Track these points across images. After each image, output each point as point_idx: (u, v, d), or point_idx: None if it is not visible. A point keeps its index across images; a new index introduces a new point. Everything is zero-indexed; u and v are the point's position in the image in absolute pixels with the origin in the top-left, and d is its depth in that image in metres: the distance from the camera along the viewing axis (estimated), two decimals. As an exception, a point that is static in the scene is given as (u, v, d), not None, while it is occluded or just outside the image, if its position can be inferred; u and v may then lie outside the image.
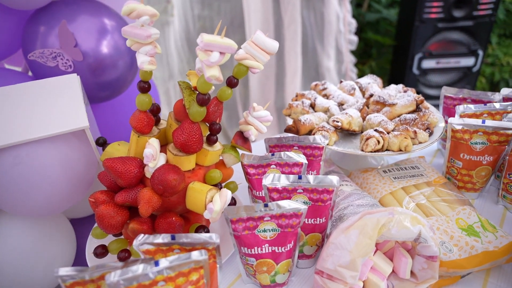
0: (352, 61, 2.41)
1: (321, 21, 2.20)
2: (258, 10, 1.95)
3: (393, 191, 0.81)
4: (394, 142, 0.79)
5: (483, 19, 2.06)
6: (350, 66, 2.42)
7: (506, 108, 0.87)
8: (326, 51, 2.29)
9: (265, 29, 2.05)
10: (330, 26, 2.18)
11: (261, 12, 1.98)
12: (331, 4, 2.10)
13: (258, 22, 2.01)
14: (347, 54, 2.36)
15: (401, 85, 1.01)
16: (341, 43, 2.28)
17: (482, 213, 0.83)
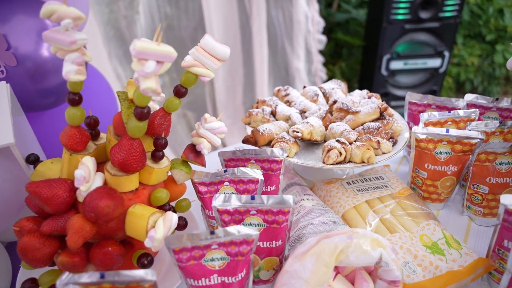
0: (321, 61, 2.38)
1: (290, 20, 2.16)
2: (220, 10, 1.88)
3: (356, 205, 0.76)
4: (357, 153, 0.74)
5: (449, 20, 2.08)
6: (319, 66, 2.39)
7: (470, 116, 0.84)
8: (296, 51, 2.25)
9: (229, 29, 1.98)
10: (299, 26, 2.14)
11: (224, 11, 1.91)
12: (299, 3, 2.06)
13: (220, 23, 1.93)
14: (316, 54, 2.33)
15: (366, 91, 0.97)
16: (310, 43, 2.25)
17: (447, 224, 0.80)
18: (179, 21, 2.08)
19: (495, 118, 0.89)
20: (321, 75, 2.42)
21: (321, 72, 2.41)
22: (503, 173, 0.73)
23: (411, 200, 0.78)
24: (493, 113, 0.89)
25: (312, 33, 2.21)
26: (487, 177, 0.74)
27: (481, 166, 0.74)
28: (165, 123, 0.66)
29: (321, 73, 2.42)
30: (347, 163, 0.77)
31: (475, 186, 0.76)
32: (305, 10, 2.09)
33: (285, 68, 2.34)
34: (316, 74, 2.40)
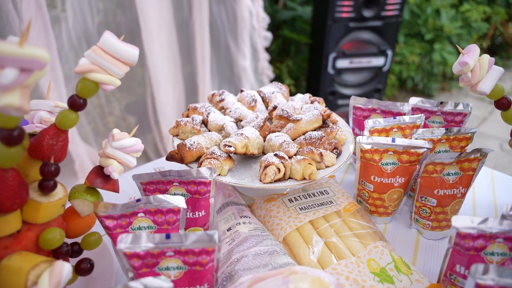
0: (267, 59, 2.30)
1: (233, 17, 2.04)
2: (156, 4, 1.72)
3: (299, 226, 0.68)
4: (297, 169, 0.66)
5: (391, 19, 2.09)
6: (266, 64, 2.31)
7: (416, 122, 0.79)
8: (241, 49, 2.15)
9: (166, 26, 1.83)
10: (243, 23, 2.04)
11: (161, 6, 1.75)
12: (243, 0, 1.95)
13: (156, 19, 1.77)
14: (262, 52, 2.24)
15: (308, 95, 0.89)
16: (255, 40, 2.16)
17: (395, 238, 0.74)
18: (114, 16, 1.89)
19: (440, 122, 0.85)
20: (268, 73, 2.34)
21: (268, 71, 2.33)
22: (451, 184, 0.69)
23: (358, 217, 0.71)
24: (438, 117, 0.85)
25: (257, 30, 2.12)
26: (435, 189, 0.69)
27: (428, 178, 0.69)
28: (58, 143, 0.52)
29: (268, 72, 2.34)
30: (287, 180, 0.68)
31: (423, 199, 0.71)
32: (249, 6, 1.99)
33: (230, 67, 2.22)
34: (263, 72, 2.31)
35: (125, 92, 2.19)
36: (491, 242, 0.51)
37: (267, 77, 2.37)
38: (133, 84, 2.15)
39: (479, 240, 0.51)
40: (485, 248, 0.51)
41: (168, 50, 1.90)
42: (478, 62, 0.62)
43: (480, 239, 0.51)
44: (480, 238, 0.51)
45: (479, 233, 0.51)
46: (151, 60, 1.87)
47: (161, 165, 0.96)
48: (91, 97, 0.53)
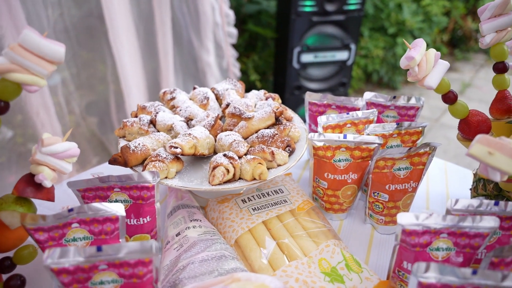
0: (234, 55, 2.26)
1: (195, 12, 1.99)
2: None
3: (251, 228, 0.66)
4: (247, 169, 0.63)
5: (353, 13, 2.10)
6: (232, 60, 2.27)
7: (369, 117, 0.79)
8: (205, 44, 2.09)
9: (127, 21, 1.75)
10: (205, 18, 1.99)
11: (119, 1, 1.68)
12: None
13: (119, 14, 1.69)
14: (227, 48, 2.20)
15: (263, 91, 0.87)
16: (219, 36, 2.11)
17: (350, 234, 0.74)
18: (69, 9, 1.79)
19: (394, 116, 0.85)
20: (234, 70, 2.30)
21: (234, 67, 2.30)
22: (402, 178, 0.69)
23: (312, 215, 0.70)
24: (392, 112, 0.85)
25: (221, 25, 2.08)
26: (386, 184, 0.69)
27: (380, 173, 0.69)
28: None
29: (234, 68, 2.30)
30: (237, 180, 0.65)
31: (376, 194, 0.71)
32: (211, 1, 1.94)
33: (194, 63, 2.17)
34: (228, 69, 2.27)
35: (86, 90, 2.09)
36: (436, 237, 0.51)
37: (233, 74, 2.34)
38: (94, 82, 2.06)
39: (424, 236, 0.51)
40: (430, 244, 0.51)
41: (130, 46, 1.82)
42: (424, 57, 0.62)
43: (425, 235, 0.51)
44: (425, 234, 0.51)
45: (424, 229, 0.50)
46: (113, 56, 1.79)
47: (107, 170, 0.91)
48: (13, 99, 0.49)
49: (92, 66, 1.97)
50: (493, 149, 0.46)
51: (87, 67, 1.92)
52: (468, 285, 0.43)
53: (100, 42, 1.82)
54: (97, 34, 1.78)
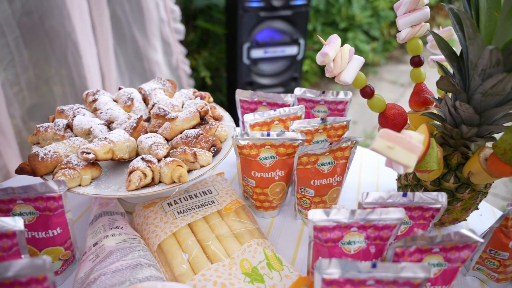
0: (183, 52, 2.21)
1: (139, 9, 1.92)
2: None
3: (175, 232, 0.64)
4: (165, 172, 0.61)
5: (300, 8, 2.12)
6: (181, 57, 2.22)
7: (297, 113, 0.79)
8: (151, 42, 2.03)
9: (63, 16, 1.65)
10: (149, 14, 1.92)
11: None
12: None
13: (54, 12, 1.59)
14: (176, 45, 2.15)
15: (192, 90, 0.85)
16: (166, 33, 2.05)
17: (281, 230, 0.74)
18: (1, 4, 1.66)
19: (325, 111, 0.86)
20: (184, 67, 2.25)
21: (184, 65, 2.24)
22: (326, 173, 0.69)
23: (241, 215, 0.69)
24: (322, 107, 0.86)
25: (167, 22, 2.02)
26: (311, 179, 0.69)
27: (304, 169, 0.69)
28: None
29: (184, 66, 2.25)
30: (157, 184, 0.63)
31: (302, 190, 0.71)
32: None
33: (141, 61, 2.10)
34: (178, 66, 2.22)
35: (29, 92, 1.96)
36: (346, 232, 0.52)
37: (183, 72, 2.29)
38: (39, 83, 1.93)
39: (335, 231, 0.51)
40: (342, 238, 0.52)
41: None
42: (339, 53, 0.63)
43: (336, 230, 0.51)
44: (336, 229, 0.51)
45: (335, 225, 0.51)
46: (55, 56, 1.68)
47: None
48: None
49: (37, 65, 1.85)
50: (393, 143, 0.47)
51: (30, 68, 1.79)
52: (369, 278, 0.43)
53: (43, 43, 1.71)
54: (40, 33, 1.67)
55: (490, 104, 0.58)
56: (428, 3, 0.70)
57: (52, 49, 1.69)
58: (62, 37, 1.65)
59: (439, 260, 0.50)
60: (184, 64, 2.24)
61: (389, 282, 0.44)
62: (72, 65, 1.74)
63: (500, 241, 0.59)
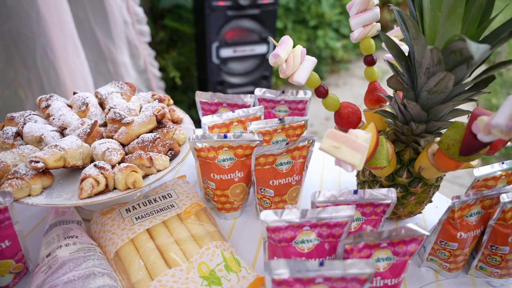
0: (151, 55, 2.16)
1: (103, 11, 1.86)
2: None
3: (132, 238, 0.63)
4: (119, 179, 0.60)
5: (268, 7, 2.13)
6: (149, 59, 2.18)
7: (256, 113, 0.79)
8: (117, 45, 1.98)
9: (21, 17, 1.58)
10: (113, 17, 1.87)
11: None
12: None
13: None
14: (142, 47, 2.10)
15: (151, 93, 0.84)
16: (131, 36, 2.01)
17: (243, 231, 0.74)
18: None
19: (286, 111, 0.87)
20: (152, 69, 2.20)
21: (152, 66, 2.20)
22: (285, 173, 0.70)
23: (201, 218, 0.69)
24: (283, 106, 0.87)
25: (131, 24, 1.97)
26: (270, 180, 0.70)
27: (262, 170, 0.69)
28: None
29: (153, 67, 2.20)
30: (112, 191, 0.62)
31: (262, 190, 0.72)
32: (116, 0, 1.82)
33: (108, 65, 2.04)
34: (146, 68, 2.17)
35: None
36: (299, 231, 0.52)
37: (151, 73, 2.24)
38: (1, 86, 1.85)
39: (287, 231, 0.52)
40: (295, 238, 0.53)
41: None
42: (292, 54, 0.63)
43: (288, 230, 0.52)
44: (288, 229, 0.52)
45: (287, 225, 0.52)
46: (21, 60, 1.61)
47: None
48: None
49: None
50: (339, 143, 0.48)
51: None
52: (318, 276, 0.44)
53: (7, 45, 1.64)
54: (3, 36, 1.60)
55: (435, 101, 0.60)
56: (378, 3, 0.71)
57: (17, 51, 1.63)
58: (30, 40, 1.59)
59: (387, 255, 0.51)
60: (152, 66, 2.19)
61: (337, 279, 0.45)
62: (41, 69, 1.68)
63: (449, 232, 0.61)
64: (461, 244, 0.62)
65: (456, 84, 0.58)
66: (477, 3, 0.56)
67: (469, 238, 0.62)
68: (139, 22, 1.97)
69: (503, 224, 0.60)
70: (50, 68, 1.67)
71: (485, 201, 0.61)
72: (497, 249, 0.62)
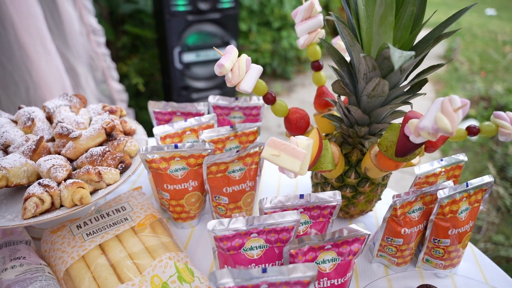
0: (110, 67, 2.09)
1: (59, 20, 1.80)
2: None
3: (83, 255, 0.62)
4: (65, 196, 0.59)
5: (228, 11, 2.14)
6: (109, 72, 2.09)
7: (209, 122, 0.80)
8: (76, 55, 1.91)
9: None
10: (70, 28, 1.81)
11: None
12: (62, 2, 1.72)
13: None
14: (100, 58, 2.03)
15: (102, 105, 0.82)
16: (88, 45, 1.94)
17: (201, 238, 0.75)
18: None
19: (240, 117, 0.88)
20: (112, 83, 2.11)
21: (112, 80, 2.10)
22: (238, 180, 0.71)
23: (157, 229, 0.69)
24: (237, 113, 0.88)
25: (87, 34, 1.91)
26: (223, 187, 0.71)
27: (215, 178, 0.70)
28: None
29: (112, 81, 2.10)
30: (59, 208, 0.61)
31: (217, 198, 0.73)
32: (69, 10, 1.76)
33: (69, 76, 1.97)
34: (105, 79, 2.10)
35: None
36: (247, 238, 0.53)
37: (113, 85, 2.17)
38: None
39: (235, 239, 0.53)
40: (243, 245, 0.54)
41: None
42: (237, 63, 0.64)
43: (236, 238, 0.53)
44: (236, 238, 0.53)
45: (235, 233, 0.52)
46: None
47: None
48: None
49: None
50: (278, 151, 0.49)
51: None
52: (262, 283, 0.45)
53: None
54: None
55: (375, 104, 0.63)
56: (321, 11, 0.74)
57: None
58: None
59: (332, 256, 0.53)
60: (113, 79, 2.11)
61: (281, 283, 0.46)
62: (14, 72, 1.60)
63: (393, 229, 0.64)
64: (406, 239, 0.65)
65: (392, 88, 0.61)
66: (408, 11, 0.59)
67: (413, 233, 0.65)
68: (95, 33, 1.91)
69: (443, 218, 0.63)
70: (24, 72, 1.60)
71: (425, 197, 0.65)
72: (439, 242, 0.65)
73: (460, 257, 0.68)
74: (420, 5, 0.60)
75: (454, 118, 0.46)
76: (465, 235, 0.65)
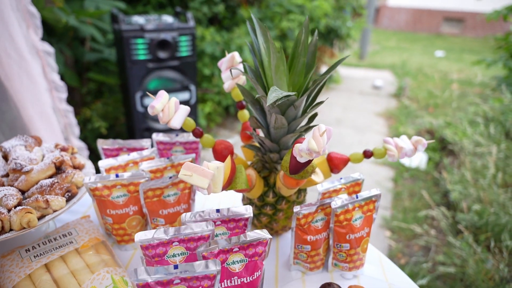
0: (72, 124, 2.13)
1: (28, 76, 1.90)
2: None
3: (29, 273, 0.70)
4: (14, 220, 0.68)
5: (186, 59, 2.33)
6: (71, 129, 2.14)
7: (150, 155, 0.92)
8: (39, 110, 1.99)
9: None
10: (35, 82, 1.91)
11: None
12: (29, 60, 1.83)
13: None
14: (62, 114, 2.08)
15: (55, 143, 0.93)
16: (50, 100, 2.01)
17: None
18: None
19: (181, 151, 1.01)
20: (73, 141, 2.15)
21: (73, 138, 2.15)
22: (173, 203, 0.83)
23: (100, 250, 0.78)
24: (179, 147, 1.00)
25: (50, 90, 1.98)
26: (159, 210, 0.82)
27: (151, 202, 0.81)
28: None
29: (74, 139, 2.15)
30: (8, 232, 0.69)
31: (155, 220, 0.83)
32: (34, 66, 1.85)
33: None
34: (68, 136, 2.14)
35: None
36: (170, 246, 0.64)
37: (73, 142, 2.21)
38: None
39: (159, 247, 0.64)
40: (166, 252, 0.64)
41: None
42: (167, 105, 0.78)
43: (160, 247, 0.64)
44: (159, 246, 0.64)
45: (158, 242, 0.63)
46: None
47: None
48: None
49: None
50: (191, 172, 0.62)
51: None
52: (175, 278, 0.56)
53: None
54: None
55: (281, 134, 0.78)
56: (241, 61, 0.90)
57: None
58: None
59: (240, 257, 0.65)
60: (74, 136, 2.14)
61: (192, 278, 0.57)
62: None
63: (300, 237, 0.77)
64: (313, 245, 0.78)
65: (292, 121, 0.76)
66: (301, 61, 0.76)
67: (319, 240, 0.78)
68: (57, 89, 1.99)
69: (340, 225, 0.77)
70: None
71: (326, 208, 0.78)
72: (341, 247, 0.78)
73: (362, 260, 0.81)
74: (311, 56, 0.78)
75: (320, 141, 0.61)
76: (362, 240, 0.79)
